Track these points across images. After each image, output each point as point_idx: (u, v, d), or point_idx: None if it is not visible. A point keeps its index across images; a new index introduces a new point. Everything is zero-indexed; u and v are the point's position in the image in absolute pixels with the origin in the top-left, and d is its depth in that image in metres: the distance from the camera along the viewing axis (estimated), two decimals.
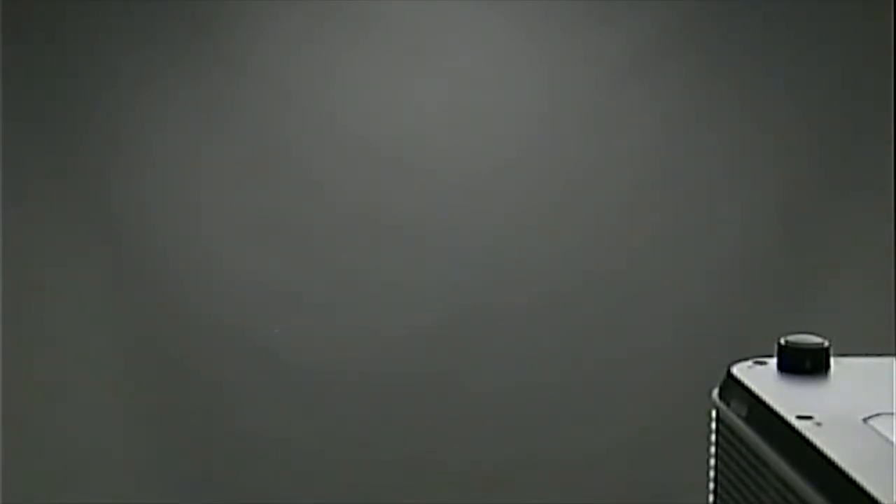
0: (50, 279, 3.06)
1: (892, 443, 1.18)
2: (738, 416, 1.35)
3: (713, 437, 1.42)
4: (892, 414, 1.25)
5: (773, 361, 1.41)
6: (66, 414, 3.07)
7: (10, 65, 2.98)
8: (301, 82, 3.06)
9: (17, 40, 2.97)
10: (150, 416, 3.09)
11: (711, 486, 1.43)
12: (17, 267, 3.02)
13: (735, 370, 1.41)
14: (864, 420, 1.24)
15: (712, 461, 1.42)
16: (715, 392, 1.42)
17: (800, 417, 1.24)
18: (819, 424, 1.22)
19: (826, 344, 1.40)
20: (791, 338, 1.41)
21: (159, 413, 3.09)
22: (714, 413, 1.41)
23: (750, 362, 1.43)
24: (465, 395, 3.10)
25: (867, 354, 1.46)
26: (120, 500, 3.07)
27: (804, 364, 1.39)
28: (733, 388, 1.38)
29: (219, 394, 3.09)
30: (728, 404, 1.38)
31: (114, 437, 3.08)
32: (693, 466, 1.68)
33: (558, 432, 3.12)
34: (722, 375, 1.42)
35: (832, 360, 1.40)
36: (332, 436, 3.11)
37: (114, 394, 3.07)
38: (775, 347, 1.40)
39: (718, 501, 1.41)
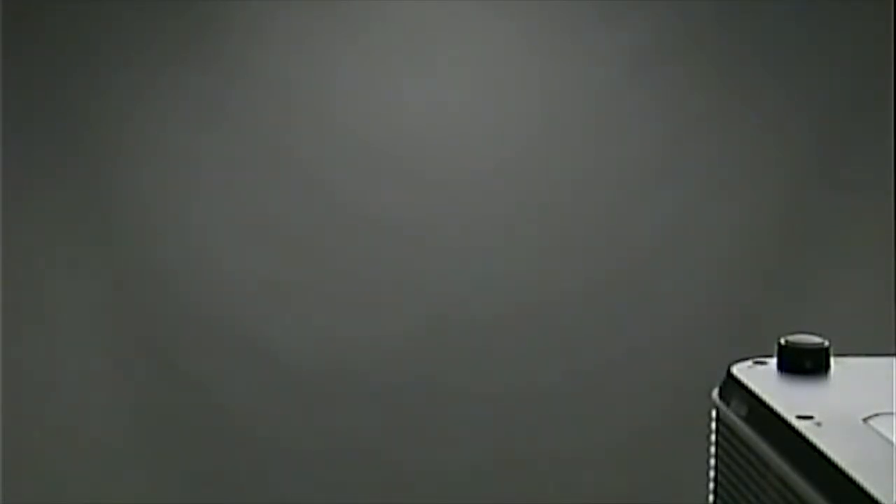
0: (49, 278, 3.06)
1: (892, 443, 1.18)
2: (738, 416, 1.34)
3: (713, 437, 1.42)
4: (892, 414, 1.25)
5: (773, 361, 1.41)
6: (65, 413, 3.07)
7: (10, 65, 2.98)
8: (301, 82, 3.06)
9: (17, 40, 2.97)
10: (148, 415, 3.09)
11: (711, 486, 1.43)
12: (16, 266, 3.02)
13: (735, 370, 1.41)
14: (864, 420, 1.23)
15: (712, 461, 1.42)
16: (715, 392, 1.42)
17: (800, 417, 1.24)
18: (819, 424, 1.22)
19: (826, 344, 1.40)
20: (791, 338, 1.41)
21: (158, 411, 3.09)
22: (714, 413, 1.41)
23: (750, 362, 1.43)
24: (465, 395, 3.10)
25: (867, 354, 1.46)
26: (119, 499, 3.07)
27: (804, 364, 1.38)
28: (733, 388, 1.38)
29: (218, 393, 3.09)
30: (728, 404, 1.38)
31: (113, 436, 3.08)
32: (693, 466, 1.68)
33: (559, 432, 3.12)
34: (722, 375, 1.42)
35: (832, 360, 1.40)
36: (332, 434, 3.11)
37: (113, 393, 3.07)
38: (775, 347, 1.40)
39: (718, 501, 1.41)
